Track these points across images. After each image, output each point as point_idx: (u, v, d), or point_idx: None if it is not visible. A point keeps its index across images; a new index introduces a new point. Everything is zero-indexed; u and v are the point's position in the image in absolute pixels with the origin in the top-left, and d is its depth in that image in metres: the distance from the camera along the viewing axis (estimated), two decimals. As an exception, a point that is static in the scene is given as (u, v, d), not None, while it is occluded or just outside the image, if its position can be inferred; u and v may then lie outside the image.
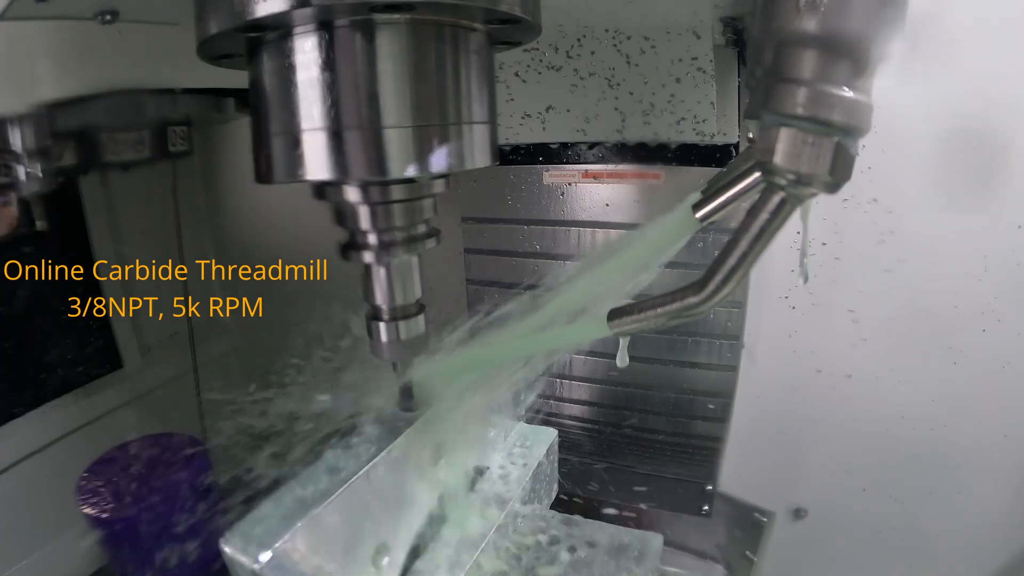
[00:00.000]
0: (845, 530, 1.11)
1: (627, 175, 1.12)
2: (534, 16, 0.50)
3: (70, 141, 0.95)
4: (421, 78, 0.46)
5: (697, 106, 0.99)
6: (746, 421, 1.14)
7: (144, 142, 1.05)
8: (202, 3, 0.44)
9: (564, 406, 1.28)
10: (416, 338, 0.59)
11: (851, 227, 0.97)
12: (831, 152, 0.39)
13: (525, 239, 1.23)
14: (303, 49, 0.44)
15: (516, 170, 1.19)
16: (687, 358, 1.16)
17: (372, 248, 0.54)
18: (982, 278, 0.92)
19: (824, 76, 0.38)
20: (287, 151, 0.47)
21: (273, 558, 0.49)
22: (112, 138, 1.00)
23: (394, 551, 0.64)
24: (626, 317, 0.52)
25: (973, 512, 1.01)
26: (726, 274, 0.45)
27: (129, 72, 0.71)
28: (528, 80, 1.05)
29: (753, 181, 0.47)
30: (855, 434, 1.06)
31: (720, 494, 1.14)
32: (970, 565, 1.04)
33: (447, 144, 0.48)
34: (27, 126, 0.70)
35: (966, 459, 1.00)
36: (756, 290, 1.07)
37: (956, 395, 0.98)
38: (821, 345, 1.05)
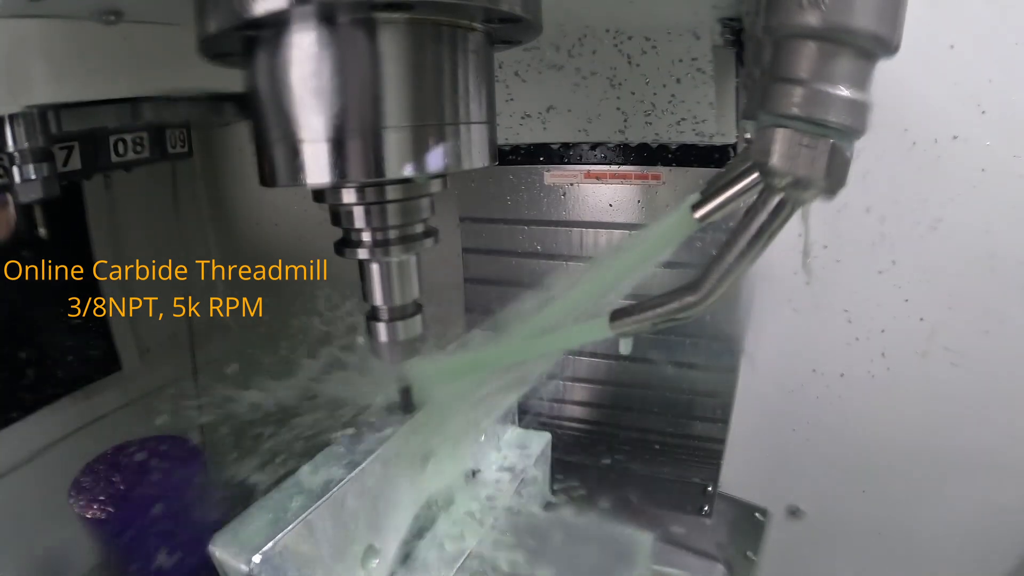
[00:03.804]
0: (845, 530, 1.11)
1: (629, 176, 1.12)
2: (535, 15, 0.49)
3: (73, 144, 0.95)
4: (420, 78, 0.46)
5: (697, 106, 0.99)
6: (746, 422, 1.14)
7: (144, 144, 1.05)
8: (202, 1, 0.44)
9: (564, 407, 1.28)
10: (415, 338, 0.59)
11: (850, 228, 0.97)
12: (827, 155, 0.38)
13: (525, 239, 1.23)
14: (301, 48, 0.44)
15: (516, 170, 1.19)
16: (687, 359, 1.16)
17: (367, 247, 0.54)
18: (984, 279, 0.92)
19: (822, 75, 0.37)
20: (287, 155, 0.47)
21: (264, 560, 0.49)
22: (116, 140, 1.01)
23: (383, 553, 0.64)
24: (627, 318, 0.52)
25: (974, 513, 1.01)
26: (723, 273, 0.45)
27: (129, 77, 0.71)
28: (528, 79, 1.04)
29: (752, 181, 0.47)
30: (854, 435, 1.06)
31: (720, 494, 1.14)
32: (970, 566, 1.04)
33: (445, 144, 0.47)
34: (26, 128, 0.70)
35: (968, 460, 0.99)
36: (757, 291, 1.07)
37: (957, 396, 0.98)
38: (820, 346, 1.05)
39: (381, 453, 0.61)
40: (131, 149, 1.03)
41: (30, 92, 0.64)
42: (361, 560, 0.61)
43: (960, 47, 0.85)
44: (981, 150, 0.88)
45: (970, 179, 0.89)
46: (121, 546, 1.04)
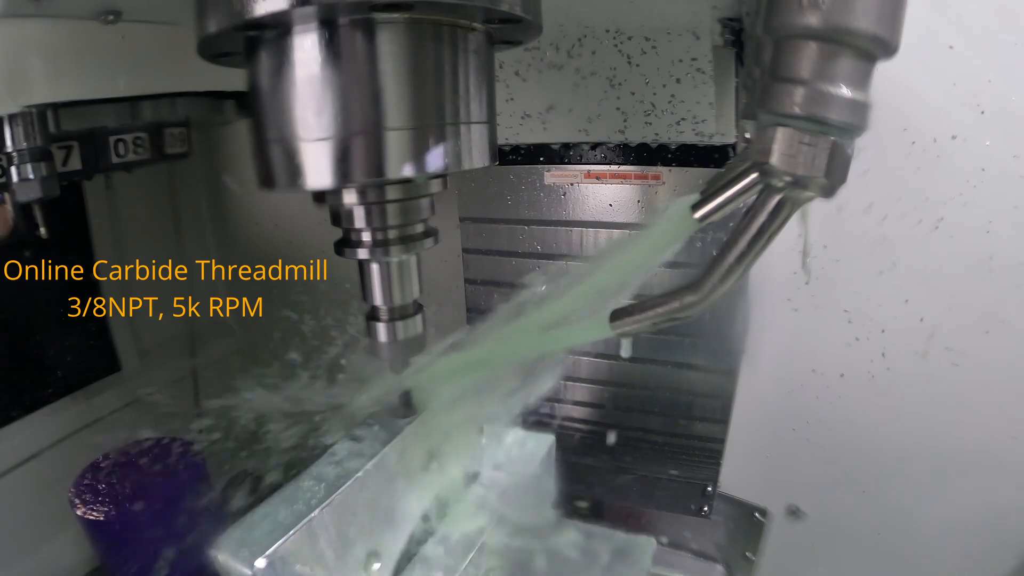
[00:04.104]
0: (845, 530, 1.11)
1: (629, 176, 1.12)
2: (535, 15, 0.49)
3: (73, 144, 0.95)
4: (420, 78, 0.46)
5: (696, 106, 0.99)
6: (746, 422, 1.14)
7: (144, 144, 1.05)
8: (202, 1, 0.44)
9: (564, 407, 1.28)
10: (414, 338, 0.59)
11: (850, 229, 0.97)
12: (827, 153, 0.38)
13: (525, 239, 1.23)
14: (302, 49, 0.44)
15: (516, 170, 1.19)
16: (687, 359, 1.16)
17: (368, 247, 0.54)
18: (984, 279, 0.92)
19: (822, 75, 0.37)
20: (286, 159, 0.47)
21: (268, 565, 0.49)
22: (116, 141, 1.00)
23: (385, 557, 0.64)
24: (627, 318, 0.52)
25: (974, 513, 1.01)
26: (723, 273, 0.45)
27: (129, 76, 0.71)
28: (529, 80, 1.04)
29: (751, 182, 0.47)
30: (854, 435, 1.06)
31: (720, 495, 1.14)
32: (970, 566, 1.04)
33: (445, 144, 0.47)
34: (25, 127, 0.70)
35: (968, 460, 0.99)
36: (756, 292, 1.07)
37: (957, 396, 0.98)
38: (820, 346, 1.05)
39: (383, 457, 0.61)
40: (131, 150, 1.03)
41: (29, 92, 0.64)
42: (363, 563, 0.61)
43: (959, 47, 0.85)
44: (981, 150, 0.88)
45: (970, 179, 0.89)
46: (121, 548, 1.04)
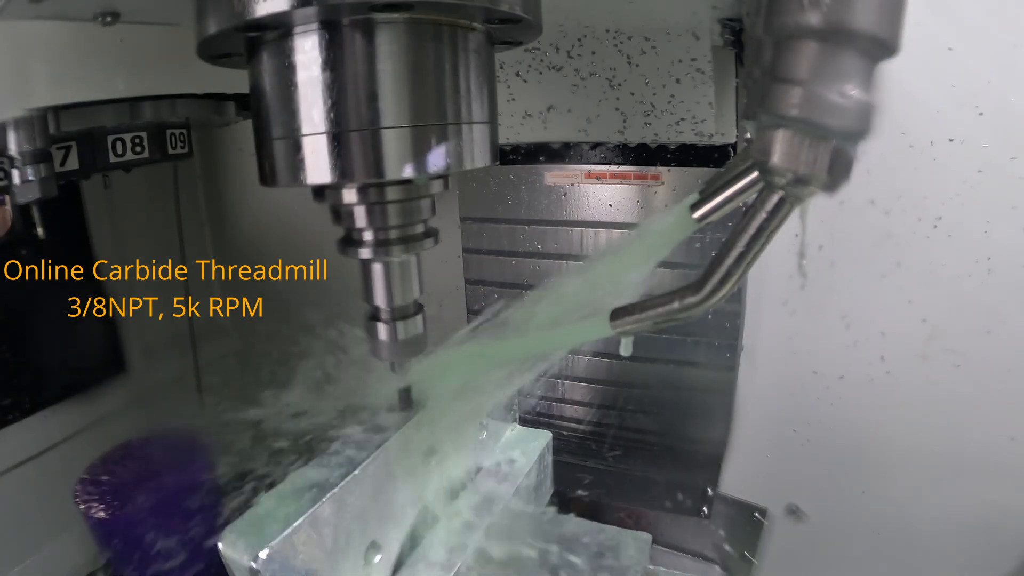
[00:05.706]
0: (845, 530, 1.11)
1: (629, 176, 1.13)
2: (535, 15, 0.50)
3: (71, 144, 0.95)
4: (420, 78, 0.46)
5: (696, 107, 0.99)
6: (746, 422, 1.14)
7: (143, 144, 1.05)
8: (202, 2, 0.44)
9: (564, 407, 1.28)
10: (415, 338, 0.59)
11: (849, 229, 0.97)
12: (829, 154, 0.38)
13: (525, 239, 1.23)
14: (302, 49, 0.44)
15: (516, 170, 1.19)
16: (687, 359, 1.16)
17: (369, 246, 0.54)
18: (984, 280, 0.92)
19: (822, 77, 0.37)
20: (288, 155, 0.47)
21: (271, 556, 0.49)
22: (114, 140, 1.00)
23: (386, 549, 0.64)
24: (627, 317, 0.52)
25: (974, 513, 1.01)
26: (724, 274, 0.45)
27: (128, 78, 0.71)
28: (529, 80, 1.05)
29: (751, 181, 0.47)
30: (854, 435, 1.06)
31: (720, 495, 1.14)
32: (970, 566, 1.04)
33: (445, 144, 0.47)
34: (25, 130, 0.70)
35: (968, 461, 1.00)
36: (755, 293, 1.07)
37: (957, 397, 0.98)
38: (820, 348, 1.05)
39: (383, 451, 0.62)
40: (130, 149, 1.03)
41: (31, 95, 0.64)
42: (364, 556, 0.61)
43: (958, 49, 0.86)
44: (979, 152, 0.88)
45: (968, 180, 0.89)
46: (126, 543, 1.04)
